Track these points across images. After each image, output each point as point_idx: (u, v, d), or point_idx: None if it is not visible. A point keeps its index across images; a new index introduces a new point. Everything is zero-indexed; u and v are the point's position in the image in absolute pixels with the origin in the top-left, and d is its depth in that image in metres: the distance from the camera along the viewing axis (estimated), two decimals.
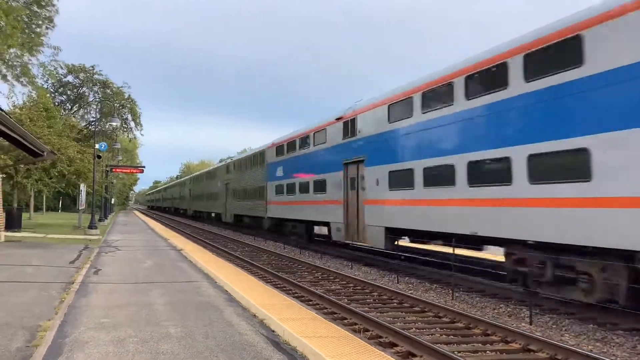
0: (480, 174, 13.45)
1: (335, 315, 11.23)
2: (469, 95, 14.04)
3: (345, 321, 10.70)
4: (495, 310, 12.11)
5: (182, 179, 73.85)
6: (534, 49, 11.92)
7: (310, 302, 12.63)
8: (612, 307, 10.42)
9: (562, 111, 11.03)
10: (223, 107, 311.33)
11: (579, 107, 10.67)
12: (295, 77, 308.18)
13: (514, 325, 10.48)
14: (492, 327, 9.98)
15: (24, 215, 38.46)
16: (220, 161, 64.33)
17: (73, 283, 12.78)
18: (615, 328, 10.18)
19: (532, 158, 11.73)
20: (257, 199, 35.08)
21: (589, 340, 9.60)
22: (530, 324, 10.68)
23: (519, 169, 12.05)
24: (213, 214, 53.73)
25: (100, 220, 43.14)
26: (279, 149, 30.71)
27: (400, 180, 17.12)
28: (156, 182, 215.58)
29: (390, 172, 17.79)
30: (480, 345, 9.29)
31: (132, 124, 62.37)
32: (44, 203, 66.23)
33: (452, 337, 9.77)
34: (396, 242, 18.33)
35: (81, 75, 58.15)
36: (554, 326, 10.57)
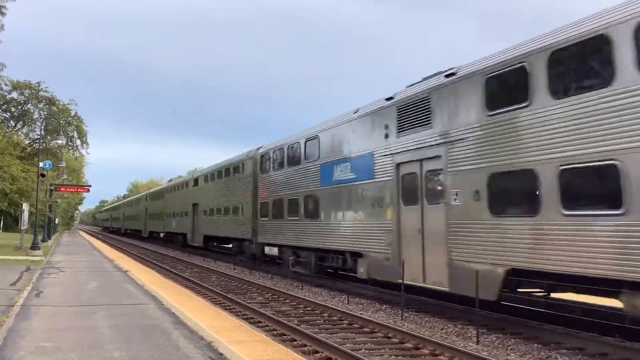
0: None
1: (285, 337, 11.13)
2: None
3: (295, 343, 10.62)
4: (444, 330, 12.24)
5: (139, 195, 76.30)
6: None
7: (260, 324, 12.51)
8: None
9: None
10: (174, 125, 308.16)
11: None
12: (249, 96, 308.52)
13: (462, 345, 10.60)
14: (441, 347, 10.07)
15: None
16: (170, 180, 63.75)
17: (13, 306, 12.35)
18: (559, 347, 10.40)
19: None
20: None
21: (533, 359, 9.79)
22: (478, 344, 10.82)
23: None
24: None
25: (43, 240, 41.79)
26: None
27: None
28: (103, 202, 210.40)
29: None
30: None
31: (78, 142, 61.11)
32: None
33: (401, 357, 9.82)
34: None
35: (26, 91, 56.73)
36: (500, 345, 10.73)
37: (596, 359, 9.64)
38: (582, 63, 10.35)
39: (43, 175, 37.18)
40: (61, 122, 55.55)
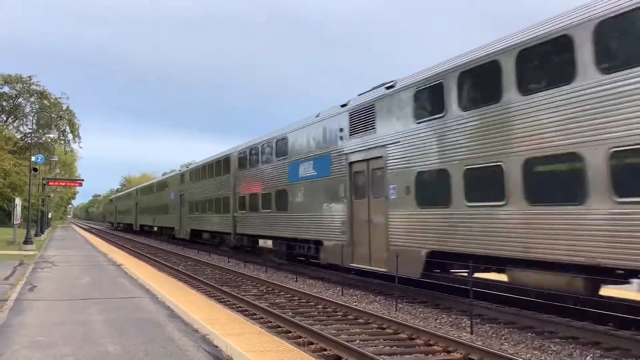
0: None
1: (279, 329, 11.14)
2: None
3: (290, 334, 10.63)
4: (438, 321, 12.27)
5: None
6: None
7: (255, 316, 12.51)
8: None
9: None
10: (166, 120, 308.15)
11: None
12: (246, 89, 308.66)
13: (456, 335, 10.63)
14: (435, 337, 10.09)
15: None
16: (163, 174, 63.58)
17: (7, 300, 12.31)
18: (552, 336, 10.45)
19: None
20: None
21: (527, 348, 9.82)
22: (471, 334, 10.86)
23: None
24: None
25: (36, 235, 41.67)
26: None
27: None
28: (96, 196, 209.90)
29: None
30: (423, 355, 9.38)
31: (70, 135, 60.83)
32: None
33: (395, 348, 9.84)
34: None
35: (18, 85, 56.36)
36: (494, 335, 10.78)
37: (589, 347, 9.69)
38: None
39: (35, 170, 36.99)
40: (53, 115, 55.28)
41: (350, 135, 17.07)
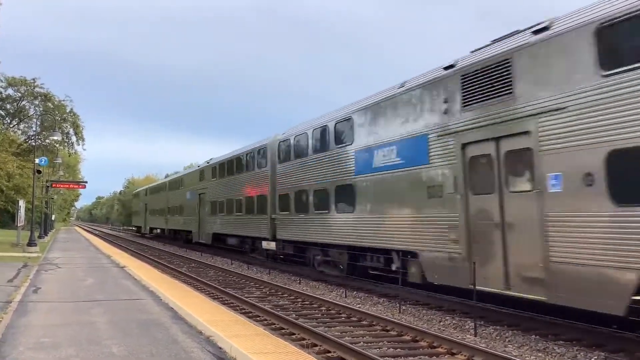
0: None
1: (283, 331, 11.15)
2: None
3: (294, 336, 10.64)
4: (442, 323, 12.27)
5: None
6: None
7: (258, 318, 12.52)
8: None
9: None
10: (167, 119, 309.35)
11: None
12: (247, 90, 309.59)
13: (460, 337, 10.63)
14: (438, 339, 10.10)
15: None
16: (166, 176, 63.52)
17: (11, 302, 12.31)
18: (556, 338, 10.44)
19: None
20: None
21: (531, 350, 9.82)
22: (475, 336, 10.86)
23: None
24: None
25: (40, 237, 41.72)
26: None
27: None
28: (99, 198, 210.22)
29: None
30: (427, 357, 9.38)
31: (74, 138, 60.96)
32: None
33: (399, 350, 9.84)
34: None
35: (22, 88, 56.50)
36: (498, 337, 10.77)
37: (593, 349, 9.68)
38: None
39: (39, 172, 37.05)
40: (57, 118, 55.39)
41: None
